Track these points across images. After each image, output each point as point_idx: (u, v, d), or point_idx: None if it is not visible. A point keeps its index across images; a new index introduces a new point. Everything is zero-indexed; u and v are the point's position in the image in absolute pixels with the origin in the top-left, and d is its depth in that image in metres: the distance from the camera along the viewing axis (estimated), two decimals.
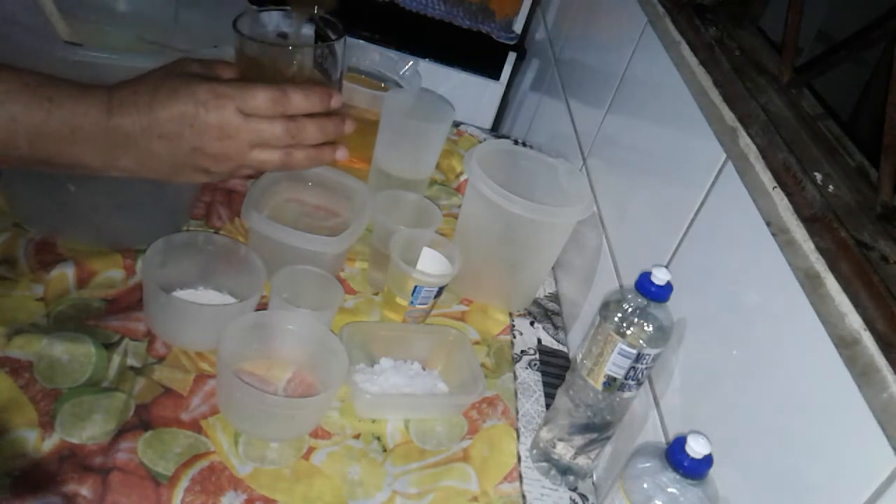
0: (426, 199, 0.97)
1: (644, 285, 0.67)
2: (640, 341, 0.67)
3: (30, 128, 0.54)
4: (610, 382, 0.69)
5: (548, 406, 0.86)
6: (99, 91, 0.57)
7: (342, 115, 0.64)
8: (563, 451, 0.76)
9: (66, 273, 0.79)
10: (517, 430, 0.82)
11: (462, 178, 1.19)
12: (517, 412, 0.84)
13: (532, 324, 0.98)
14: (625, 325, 0.67)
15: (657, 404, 0.74)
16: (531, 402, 0.86)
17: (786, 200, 0.60)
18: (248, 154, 0.60)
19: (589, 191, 1.02)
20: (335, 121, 0.63)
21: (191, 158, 0.59)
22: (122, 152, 0.57)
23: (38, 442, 0.64)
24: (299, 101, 0.60)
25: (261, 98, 0.58)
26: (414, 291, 0.84)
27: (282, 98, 0.59)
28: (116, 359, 0.73)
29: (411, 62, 1.11)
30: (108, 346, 0.73)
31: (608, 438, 0.76)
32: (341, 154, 0.65)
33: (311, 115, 0.61)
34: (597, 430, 0.74)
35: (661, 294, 0.67)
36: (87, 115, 0.55)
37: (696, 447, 0.57)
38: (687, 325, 0.72)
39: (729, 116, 0.71)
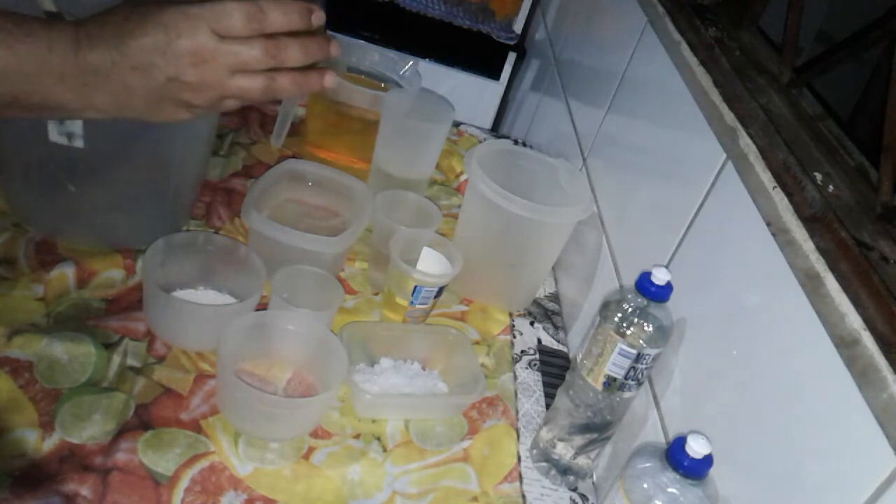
0: (426, 199, 0.97)
1: (644, 285, 0.67)
2: (640, 341, 0.67)
3: None
4: (610, 382, 0.69)
5: (548, 406, 0.86)
6: (66, 26, 0.54)
7: (327, 36, 0.60)
8: (563, 451, 0.76)
9: (66, 273, 0.79)
10: (517, 430, 0.82)
11: (462, 178, 1.19)
12: (517, 412, 0.84)
13: (532, 324, 0.98)
14: (625, 325, 0.67)
15: (657, 404, 0.74)
16: (531, 402, 0.86)
17: (786, 200, 0.60)
18: (227, 81, 0.56)
19: (589, 191, 1.02)
20: (319, 40, 0.59)
21: (168, 90, 0.55)
22: (95, 89, 0.54)
23: (38, 442, 0.64)
24: (277, 16, 0.56)
25: (235, 16, 0.54)
26: (414, 291, 0.84)
27: (258, 14, 0.55)
28: (116, 359, 0.73)
29: (411, 62, 1.11)
30: (108, 346, 0.73)
31: (608, 438, 0.76)
32: (330, 80, 0.60)
33: (293, 36, 0.57)
34: (597, 430, 0.74)
35: (661, 294, 0.67)
36: (52, 50, 0.53)
37: (696, 447, 0.57)
38: (687, 325, 0.72)
39: (729, 116, 0.71)
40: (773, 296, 0.61)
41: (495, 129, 1.76)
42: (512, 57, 1.68)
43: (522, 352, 0.93)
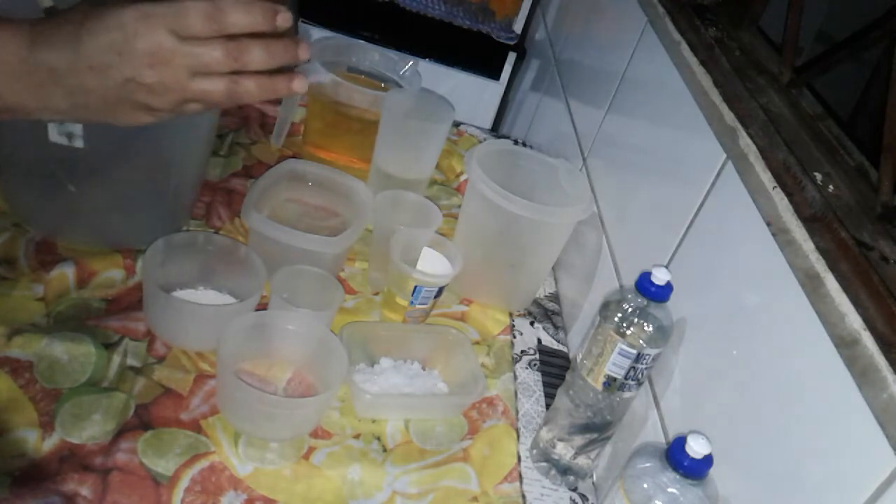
0: (426, 199, 0.97)
1: (644, 285, 0.67)
2: (640, 341, 0.67)
3: None
4: (610, 382, 0.69)
5: (548, 406, 0.86)
6: (21, 25, 0.52)
7: (295, 39, 0.57)
8: (563, 451, 0.76)
9: (66, 273, 0.79)
10: (517, 430, 0.82)
11: (462, 178, 1.19)
12: (517, 412, 0.84)
13: (532, 324, 0.98)
14: (625, 325, 0.67)
15: (657, 404, 0.74)
16: (531, 402, 0.86)
17: (786, 200, 0.60)
18: (188, 83, 0.54)
19: (589, 191, 1.02)
20: (285, 43, 0.56)
21: (126, 92, 0.53)
22: (51, 90, 0.53)
23: (38, 442, 0.64)
24: (238, 17, 0.53)
25: (193, 15, 0.52)
26: (414, 291, 0.84)
27: (217, 14, 0.53)
28: (116, 359, 0.73)
29: (411, 62, 1.11)
30: (108, 346, 0.73)
31: (608, 438, 0.76)
32: (299, 84, 0.58)
33: (260, 38, 0.55)
34: (597, 430, 0.74)
35: (661, 294, 0.67)
36: (5, 50, 0.51)
37: (696, 447, 0.57)
38: (687, 325, 0.72)
39: (729, 116, 0.71)
40: (773, 296, 0.61)
41: (495, 129, 1.76)
42: (512, 57, 1.68)
43: (522, 352, 0.93)
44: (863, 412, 0.48)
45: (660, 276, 0.67)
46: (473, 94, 1.69)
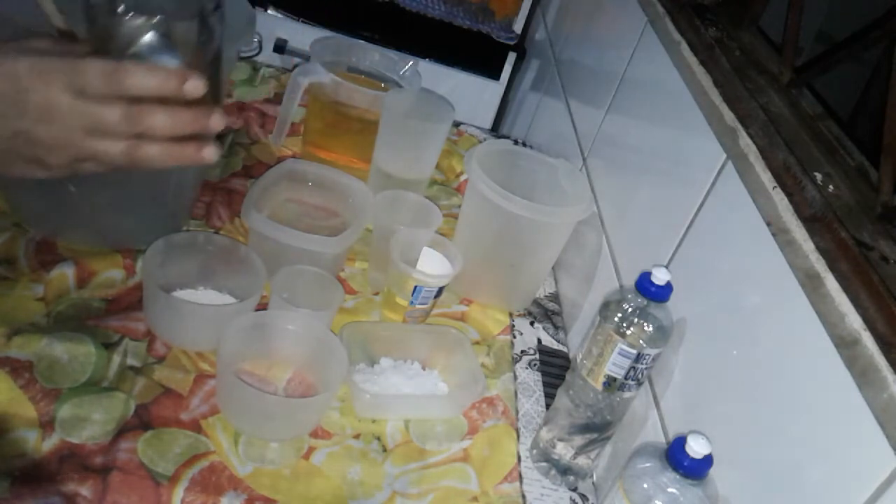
0: (426, 199, 0.97)
1: (644, 285, 0.67)
2: (640, 341, 0.67)
3: None
4: (610, 382, 0.69)
5: (548, 406, 0.86)
6: None
7: (209, 108, 0.54)
8: (563, 451, 0.76)
9: (66, 273, 0.79)
10: (517, 430, 0.82)
11: (462, 178, 1.19)
12: (517, 412, 0.84)
13: (532, 324, 0.98)
14: (625, 325, 0.67)
15: (657, 404, 0.74)
16: (531, 402, 0.86)
17: (786, 200, 0.60)
18: (82, 142, 0.52)
19: (589, 191, 1.02)
20: (194, 111, 0.53)
21: (17, 145, 0.51)
22: None
23: (38, 442, 0.64)
24: (139, 79, 0.51)
25: (92, 73, 0.50)
26: (414, 291, 0.84)
27: (116, 73, 0.50)
28: (116, 359, 0.73)
29: (411, 62, 1.11)
30: (108, 346, 0.73)
31: (608, 438, 0.76)
32: (209, 153, 0.55)
33: (171, 104, 0.53)
34: (597, 430, 0.74)
35: (661, 294, 0.67)
36: None
37: (696, 447, 0.57)
38: (687, 325, 0.72)
39: (729, 116, 0.71)
40: (773, 296, 0.61)
41: (495, 129, 1.76)
42: (512, 57, 1.68)
43: (522, 352, 0.93)
44: (863, 412, 0.48)
45: (660, 276, 0.67)
46: (473, 94, 1.69)
